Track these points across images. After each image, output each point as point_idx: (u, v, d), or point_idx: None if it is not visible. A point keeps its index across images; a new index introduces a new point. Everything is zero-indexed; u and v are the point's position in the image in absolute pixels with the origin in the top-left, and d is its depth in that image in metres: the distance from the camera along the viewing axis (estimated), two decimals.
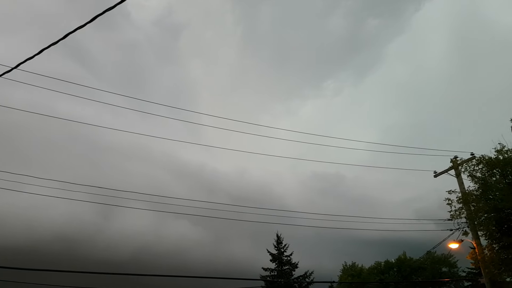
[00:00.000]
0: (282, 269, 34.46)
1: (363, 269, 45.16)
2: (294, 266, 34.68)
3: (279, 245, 35.10)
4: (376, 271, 43.11)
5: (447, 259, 38.70)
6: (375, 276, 41.34)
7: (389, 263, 43.27)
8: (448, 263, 38.66)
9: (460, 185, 18.86)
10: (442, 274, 38.02)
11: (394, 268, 43.23)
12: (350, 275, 44.42)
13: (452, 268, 38.46)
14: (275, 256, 34.74)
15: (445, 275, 37.50)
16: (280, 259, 34.65)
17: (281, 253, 34.84)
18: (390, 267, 43.26)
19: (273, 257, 34.68)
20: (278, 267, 34.52)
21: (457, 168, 19.28)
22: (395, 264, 43.03)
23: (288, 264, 34.68)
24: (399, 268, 42.75)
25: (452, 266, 38.54)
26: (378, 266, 43.71)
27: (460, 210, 17.80)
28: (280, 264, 34.55)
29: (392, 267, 43.24)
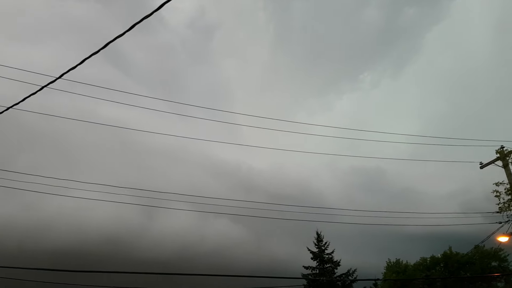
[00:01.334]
0: (324, 267, 34.17)
1: (408, 266, 44.12)
2: (336, 264, 34.31)
3: (320, 243, 34.83)
4: (421, 267, 42.07)
5: (497, 253, 37.18)
6: (421, 273, 40.35)
7: (435, 258, 42.09)
8: (498, 257, 37.14)
9: (508, 176, 18.08)
10: (492, 268, 36.58)
11: (441, 264, 42.05)
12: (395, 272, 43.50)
13: (503, 263, 36.92)
14: (316, 254, 34.49)
15: (495, 270, 36.05)
16: (321, 257, 34.36)
17: (322, 251, 34.55)
18: (436, 263, 42.07)
19: (314, 255, 34.45)
20: (319, 265, 34.26)
21: (504, 158, 18.49)
22: (441, 260, 41.82)
23: (330, 262, 34.35)
24: (445, 264, 41.54)
25: (503, 260, 37.00)
26: (424, 262, 42.61)
27: (509, 202, 17.11)
28: (321, 262, 34.27)
29: (439, 262, 42.07)
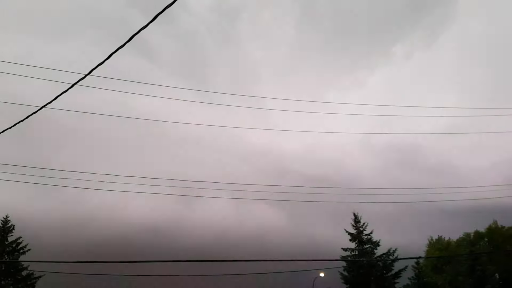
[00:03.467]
0: (363, 249, 33.59)
1: (450, 242, 43.15)
2: (375, 244, 33.65)
3: (357, 224, 34.19)
4: (465, 243, 41.10)
5: None
6: (465, 248, 39.44)
7: (479, 233, 40.97)
8: None
9: None
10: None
11: (485, 238, 40.89)
12: (437, 249, 42.62)
13: None
14: (354, 235, 33.91)
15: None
16: (360, 238, 33.78)
17: (360, 232, 33.94)
18: (481, 237, 40.97)
19: (352, 237, 33.87)
20: (358, 247, 33.70)
21: None
22: (485, 234, 40.67)
23: (369, 243, 33.70)
24: (490, 238, 40.38)
25: None
26: (467, 238, 41.58)
27: None
28: (360, 244, 33.70)
29: (483, 237, 40.93)
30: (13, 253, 31.43)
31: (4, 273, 30.52)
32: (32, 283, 31.08)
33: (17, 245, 31.58)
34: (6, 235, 31.41)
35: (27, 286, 30.91)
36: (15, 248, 31.49)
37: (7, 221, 31.76)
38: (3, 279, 30.24)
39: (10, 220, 31.86)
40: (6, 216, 31.84)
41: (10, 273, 30.67)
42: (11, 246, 31.39)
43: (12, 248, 31.42)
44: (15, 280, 30.63)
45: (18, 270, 30.85)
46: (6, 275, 30.52)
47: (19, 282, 30.67)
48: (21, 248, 31.66)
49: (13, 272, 30.75)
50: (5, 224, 31.63)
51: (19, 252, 31.61)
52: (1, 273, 30.37)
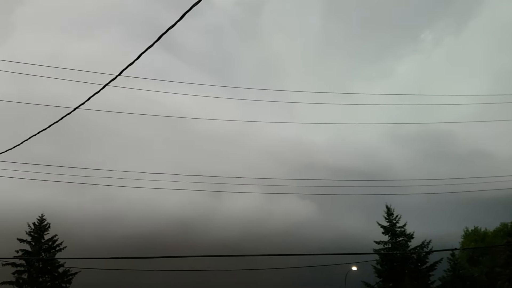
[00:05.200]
0: (396, 241, 33.00)
1: (487, 233, 41.99)
2: (409, 237, 33.01)
3: (390, 216, 33.59)
4: (502, 234, 39.87)
5: None
6: (502, 239, 38.23)
7: None
8: None
9: None
10: None
11: None
12: (473, 241, 41.53)
13: None
14: (387, 228, 33.32)
15: None
16: (393, 231, 33.16)
17: (393, 225, 33.33)
18: None
19: (385, 230, 33.30)
20: (391, 239, 33.14)
21: None
22: None
23: (403, 236, 33.09)
24: None
25: None
26: (505, 228, 40.31)
27: None
28: (393, 236, 33.12)
29: None
30: (50, 250, 32.32)
31: (42, 270, 31.44)
32: (68, 279, 31.91)
33: (53, 243, 32.45)
34: (42, 233, 32.30)
35: (64, 282, 31.78)
36: (51, 245, 32.38)
37: (43, 219, 32.66)
38: (41, 276, 31.20)
39: (45, 218, 32.78)
40: (42, 215, 32.76)
41: (47, 270, 31.58)
42: (48, 243, 32.28)
43: (49, 245, 32.31)
44: (52, 277, 31.53)
45: (55, 267, 31.74)
46: (44, 272, 31.45)
47: (56, 279, 31.55)
48: (57, 246, 32.53)
49: (50, 269, 31.64)
50: (41, 223, 32.54)
51: (56, 249, 32.49)
52: (39, 270, 31.31)
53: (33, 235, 31.98)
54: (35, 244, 31.70)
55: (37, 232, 32.18)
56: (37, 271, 31.21)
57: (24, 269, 30.93)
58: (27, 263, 31.10)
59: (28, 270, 30.96)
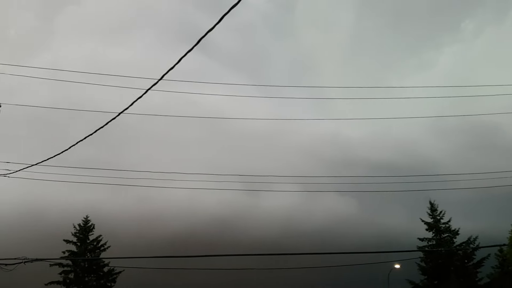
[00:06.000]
0: (441, 238, 31.96)
1: None
2: (454, 233, 31.90)
3: (434, 212, 32.58)
4: None
5: None
6: None
7: None
8: None
9: None
10: None
11: None
12: None
13: None
14: (431, 224, 32.31)
15: None
16: (437, 227, 32.11)
17: (437, 221, 32.28)
18: None
19: (429, 226, 32.31)
20: (436, 236, 32.11)
21: None
22: None
23: (447, 232, 32.01)
24: None
25: None
26: None
27: None
28: (437, 233, 32.08)
29: None
30: (95, 250, 33.33)
31: (87, 270, 32.48)
32: (113, 278, 32.79)
33: (97, 243, 33.45)
34: (87, 234, 33.37)
35: (108, 281, 32.70)
36: (96, 246, 33.39)
37: (87, 221, 33.73)
38: (86, 276, 32.23)
39: (90, 220, 33.82)
40: (86, 216, 33.84)
41: (92, 269, 32.59)
42: (92, 244, 33.31)
43: (93, 246, 33.33)
44: (97, 277, 32.51)
45: (100, 267, 32.70)
46: (89, 272, 32.48)
47: (101, 278, 32.51)
48: (102, 246, 33.51)
49: (96, 269, 32.64)
50: (86, 224, 33.60)
51: (100, 249, 33.48)
52: (85, 270, 32.35)
53: (78, 236, 33.08)
54: (81, 244, 32.77)
55: (82, 233, 33.25)
56: (83, 270, 32.25)
57: (71, 269, 32.02)
58: (73, 263, 32.18)
59: (75, 270, 32.03)
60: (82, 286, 31.57)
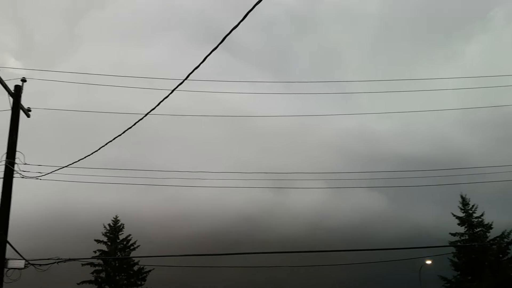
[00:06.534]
0: (473, 232, 31.15)
1: None
2: (487, 227, 31.03)
3: (466, 206, 31.78)
4: None
5: None
6: None
7: None
8: None
9: None
10: None
11: None
12: None
13: None
14: (463, 219, 31.52)
15: None
16: (470, 221, 31.30)
17: (470, 215, 31.46)
18: None
19: (461, 221, 31.54)
20: (468, 231, 31.31)
21: None
22: None
23: (480, 226, 31.17)
24: None
25: None
26: None
27: None
28: (470, 227, 31.28)
29: None
30: (125, 249, 33.87)
31: (118, 269, 33.06)
32: (143, 277, 33.29)
33: (127, 242, 34.00)
34: (117, 233, 33.95)
35: (139, 280, 33.21)
36: (126, 245, 33.94)
37: (117, 220, 34.31)
38: (117, 275, 32.81)
39: (119, 219, 34.40)
40: (116, 216, 34.43)
41: (123, 268, 33.16)
42: (122, 243, 33.88)
43: (123, 245, 33.89)
44: (128, 275, 33.07)
45: (130, 266, 33.25)
46: (120, 271, 33.05)
47: (132, 277, 33.05)
48: (131, 245, 34.04)
49: (126, 268, 33.20)
50: (115, 224, 34.19)
51: (130, 248, 34.01)
52: (116, 269, 32.94)
53: (109, 235, 33.68)
54: (111, 244, 33.35)
55: (113, 232, 33.84)
56: (114, 270, 32.83)
57: (102, 268, 32.64)
58: (104, 262, 32.80)
59: (106, 269, 32.64)
60: (114, 285, 32.16)
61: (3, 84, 11.95)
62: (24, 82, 12.45)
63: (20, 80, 12.41)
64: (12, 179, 11.65)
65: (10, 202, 11.49)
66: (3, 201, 11.38)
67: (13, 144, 11.87)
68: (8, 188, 11.54)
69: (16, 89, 12.32)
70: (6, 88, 12.05)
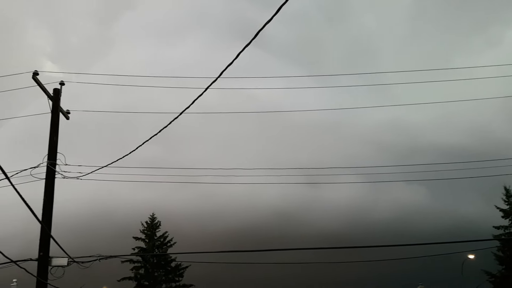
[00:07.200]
0: None
1: None
2: None
3: (510, 198, 30.59)
4: None
5: None
6: None
7: None
8: None
9: None
10: None
11: None
12: None
13: None
14: (507, 211, 30.39)
15: None
16: None
17: None
18: None
19: (505, 213, 30.41)
20: None
21: None
22: None
23: None
24: None
25: None
26: None
27: None
28: None
29: None
30: (162, 246, 34.48)
31: (156, 265, 33.72)
32: (180, 273, 33.81)
33: (164, 239, 34.61)
34: (154, 231, 34.59)
35: (176, 276, 33.76)
36: (163, 242, 34.55)
37: (154, 218, 34.95)
38: (156, 271, 33.46)
39: (156, 217, 35.01)
40: (152, 214, 35.07)
41: (161, 265, 33.79)
42: (160, 240, 34.50)
43: (161, 242, 34.51)
44: (166, 271, 33.67)
45: (168, 262, 33.82)
46: (158, 267, 33.71)
47: (169, 273, 33.63)
48: (168, 242, 34.63)
49: (164, 264, 33.81)
50: (152, 221, 34.83)
51: (167, 245, 34.60)
52: (154, 266, 33.61)
53: (146, 233, 34.36)
54: (149, 241, 34.02)
55: (150, 230, 34.50)
56: (152, 266, 33.49)
57: (141, 265, 33.35)
58: (143, 259, 33.49)
59: (144, 266, 33.35)
60: (152, 281, 32.81)
61: (42, 88, 12.25)
62: (63, 85, 12.69)
63: (58, 84, 12.67)
64: (53, 180, 11.95)
65: (52, 202, 11.80)
66: (46, 201, 11.70)
67: (53, 146, 12.17)
68: (50, 188, 11.85)
69: (55, 93, 12.60)
70: (45, 91, 12.35)
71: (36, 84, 12.09)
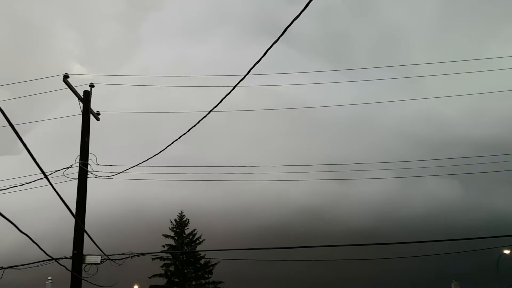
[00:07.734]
0: None
1: None
2: None
3: None
4: None
5: None
6: None
7: None
8: None
9: None
10: None
11: None
12: None
13: None
14: None
15: None
16: None
17: None
18: None
19: None
20: None
21: None
22: None
23: None
24: None
25: None
26: None
27: None
28: None
29: None
30: (191, 244, 34.87)
31: (186, 262, 34.14)
32: (210, 270, 34.10)
33: (193, 237, 34.98)
34: (183, 228, 35.00)
35: (206, 273, 34.08)
36: (192, 239, 34.93)
37: (182, 216, 35.36)
38: (185, 268, 33.88)
39: (185, 215, 35.41)
40: (181, 212, 35.51)
41: (190, 262, 34.18)
42: (189, 238, 34.90)
43: (190, 239, 34.91)
44: (195, 268, 34.05)
45: (197, 259, 34.19)
46: (188, 264, 34.12)
47: (199, 270, 33.99)
48: (197, 239, 34.99)
49: (193, 261, 34.19)
50: (181, 219, 35.25)
51: (196, 242, 34.95)
52: (184, 263, 34.04)
53: (175, 230, 34.81)
54: (178, 238, 34.46)
55: (179, 227, 34.93)
56: (182, 263, 33.92)
57: (171, 262, 33.83)
58: (173, 256, 33.95)
59: (174, 263, 33.82)
60: (182, 278, 33.22)
61: (73, 90, 12.50)
62: (92, 87, 12.92)
63: (88, 86, 12.91)
64: (86, 180, 12.21)
65: (85, 201, 12.05)
66: (79, 200, 11.95)
67: (85, 147, 12.42)
68: (83, 188, 12.10)
69: (85, 95, 12.85)
70: (76, 94, 12.60)
71: (66, 87, 12.34)
